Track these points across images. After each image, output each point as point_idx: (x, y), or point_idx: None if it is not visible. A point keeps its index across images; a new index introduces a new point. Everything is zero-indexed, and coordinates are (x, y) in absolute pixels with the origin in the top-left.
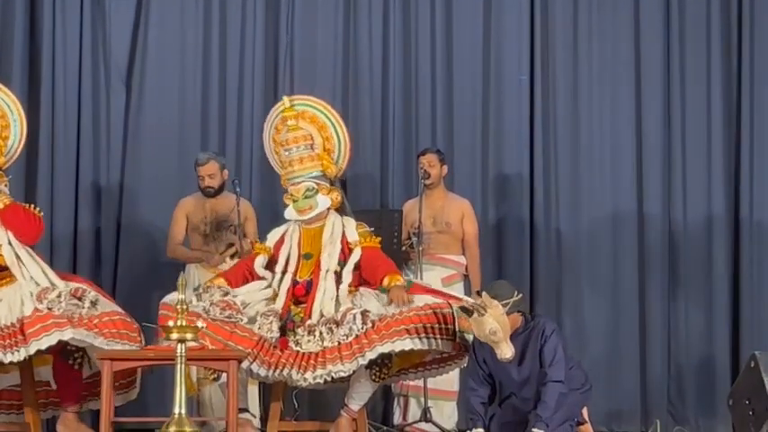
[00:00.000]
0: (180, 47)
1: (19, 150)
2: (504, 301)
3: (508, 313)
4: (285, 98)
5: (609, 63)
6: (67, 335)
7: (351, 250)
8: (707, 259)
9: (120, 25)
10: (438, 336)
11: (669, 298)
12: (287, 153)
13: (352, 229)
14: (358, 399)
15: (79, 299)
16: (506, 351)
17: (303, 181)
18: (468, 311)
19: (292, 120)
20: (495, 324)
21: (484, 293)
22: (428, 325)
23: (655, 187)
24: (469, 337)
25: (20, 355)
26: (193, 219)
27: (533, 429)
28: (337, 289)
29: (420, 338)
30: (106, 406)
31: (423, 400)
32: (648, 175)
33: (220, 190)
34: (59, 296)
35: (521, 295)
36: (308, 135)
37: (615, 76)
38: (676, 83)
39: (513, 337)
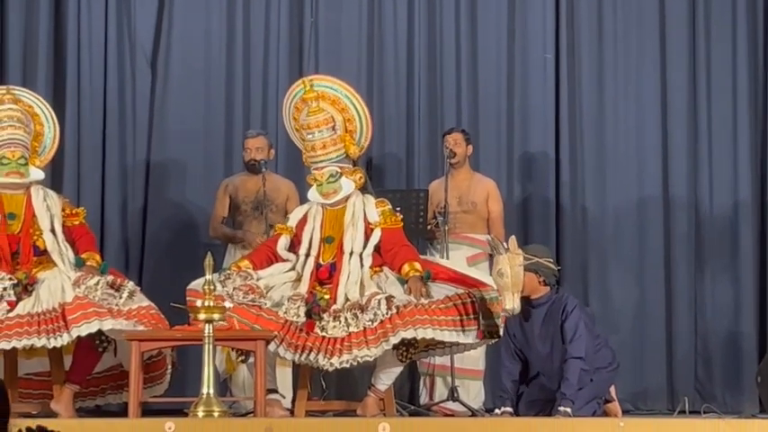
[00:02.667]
0: (205, 28)
1: (50, 156)
2: (528, 255)
3: (526, 269)
4: (304, 80)
5: (634, 41)
6: (107, 325)
7: (372, 230)
8: (733, 237)
9: (145, 6)
10: (459, 327)
11: (695, 276)
12: (309, 136)
13: (373, 208)
14: (385, 379)
15: (116, 290)
16: (508, 301)
17: (327, 166)
18: (492, 248)
19: (313, 102)
20: (506, 267)
21: (513, 237)
22: (449, 318)
23: (680, 166)
24: (499, 322)
25: (62, 340)
26: (236, 198)
27: (560, 408)
28: (360, 269)
29: (442, 330)
30: (135, 385)
31: (449, 379)
32: (675, 155)
33: (260, 168)
34: (97, 284)
35: (556, 267)
36: (329, 118)
37: (641, 55)
38: (702, 61)
39: (534, 307)
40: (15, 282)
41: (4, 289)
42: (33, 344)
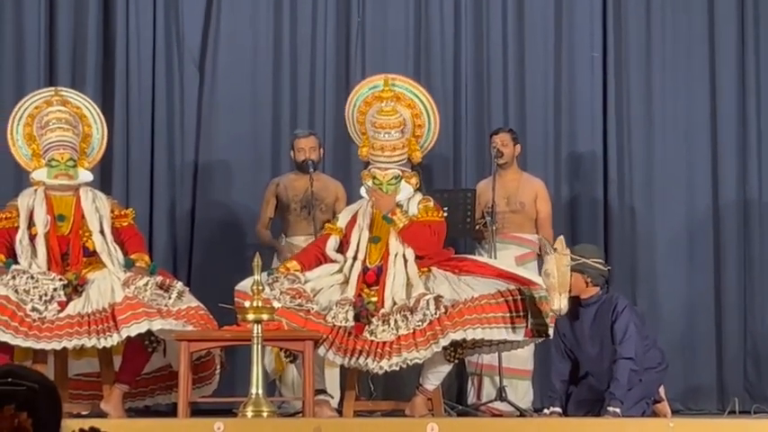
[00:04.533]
0: (252, 29)
1: (99, 157)
2: (575, 256)
3: (573, 270)
4: (386, 77)
5: (683, 39)
6: (156, 325)
7: None
8: None
9: (192, 9)
10: (509, 324)
11: (745, 276)
12: (377, 135)
13: (415, 203)
14: (433, 378)
15: (166, 290)
16: (555, 301)
17: (390, 168)
18: (542, 249)
19: (390, 102)
20: (553, 268)
21: (561, 237)
22: (499, 314)
23: (730, 165)
24: (548, 321)
25: (113, 340)
26: (285, 197)
27: (609, 408)
28: (406, 268)
29: (491, 328)
30: (184, 385)
31: (497, 379)
32: (723, 152)
33: (312, 167)
34: (146, 284)
35: (605, 268)
36: (401, 120)
37: (689, 53)
38: (751, 58)
39: (584, 307)
40: (65, 282)
41: (55, 290)
42: (84, 344)
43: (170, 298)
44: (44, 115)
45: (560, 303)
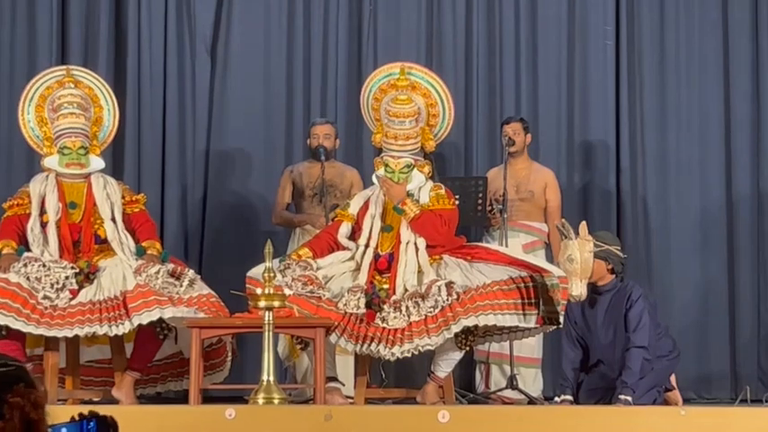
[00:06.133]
0: (264, 16)
1: (110, 138)
2: (598, 242)
3: (595, 256)
4: (403, 66)
5: (696, 27)
6: (168, 313)
7: None
8: None
9: None
10: (520, 311)
11: (759, 263)
12: (391, 124)
13: (427, 191)
14: (444, 366)
15: (177, 278)
16: (575, 287)
17: (403, 156)
18: (561, 232)
19: (405, 90)
20: (576, 253)
21: (584, 223)
22: (511, 301)
23: (743, 152)
24: (559, 309)
25: (124, 328)
26: (299, 184)
27: (620, 396)
28: (417, 256)
29: (503, 314)
30: (195, 372)
31: (504, 367)
32: (737, 140)
33: (323, 155)
34: (158, 272)
35: (623, 256)
36: (416, 110)
37: (702, 41)
38: (765, 46)
39: (599, 294)
40: (77, 270)
41: (67, 278)
42: (95, 332)
43: (181, 286)
44: (56, 98)
45: (580, 289)
